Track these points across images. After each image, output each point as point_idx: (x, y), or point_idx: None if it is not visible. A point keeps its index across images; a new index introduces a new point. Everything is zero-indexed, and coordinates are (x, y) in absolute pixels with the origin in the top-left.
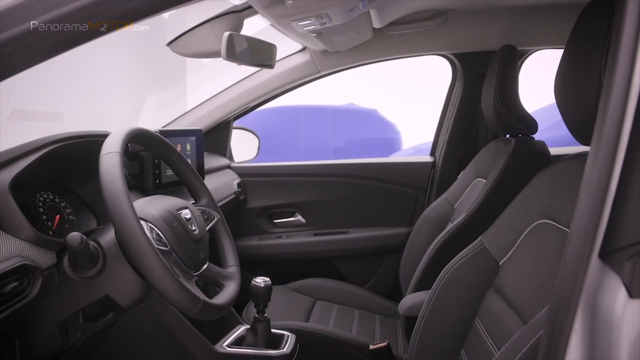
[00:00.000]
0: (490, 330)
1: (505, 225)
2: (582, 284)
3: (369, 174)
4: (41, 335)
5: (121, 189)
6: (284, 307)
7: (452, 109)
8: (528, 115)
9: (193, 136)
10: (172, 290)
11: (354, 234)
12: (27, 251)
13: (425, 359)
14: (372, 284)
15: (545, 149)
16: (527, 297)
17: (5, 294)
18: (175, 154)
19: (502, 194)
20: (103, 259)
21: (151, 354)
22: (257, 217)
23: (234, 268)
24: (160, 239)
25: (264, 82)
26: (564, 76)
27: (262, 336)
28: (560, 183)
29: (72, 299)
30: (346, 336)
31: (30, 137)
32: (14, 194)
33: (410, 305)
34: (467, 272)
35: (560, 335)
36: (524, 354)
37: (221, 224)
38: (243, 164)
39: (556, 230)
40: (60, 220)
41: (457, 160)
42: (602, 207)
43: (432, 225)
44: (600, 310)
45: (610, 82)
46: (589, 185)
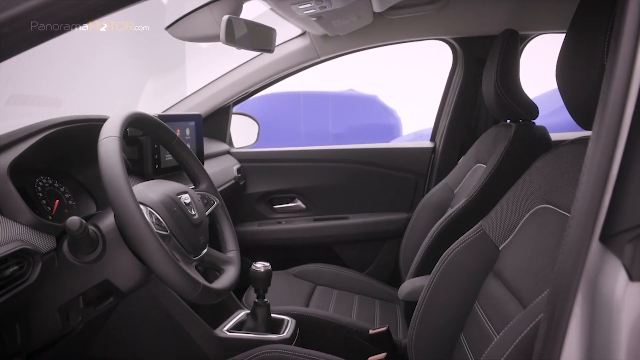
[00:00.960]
0: (489, 315)
1: (505, 210)
2: (582, 268)
3: (369, 159)
4: (42, 319)
5: (120, 173)
6: (284, 292)
7: (452, 94)
8: (529, 100)
9: (192, 121)
10: (171, 275)
11: (354, 220)
12: (27, 235)
13: (425, 344)
14: (371, 269)
15: (546, 134)
16: (527, 281)
17: (5, 278)
18: (175, 139)
19: (502, 179)
20: (103, 244)
21: (151, 338)
22: (257, 203)
23: (233, 253)
24: (160, 224)
25: (263, 67)
26: (566, 60)
27: (262, 321)
28: (561, 167)
29: (72, 284)
30: (346, 321)
31: (29, 122)
32: (12, 178)
33: (410, 290)
34: (466, 257)
35: (560, 319)
36: (523, 338)
37: (221, 209)
38: (243, 150)
39: (556, 214)
40: (60, 205)
41: (458, 146)
42: (604, 190)
43: (432, 211)
44: (600, 294)
45: (612, 65)
46: (590, 168)
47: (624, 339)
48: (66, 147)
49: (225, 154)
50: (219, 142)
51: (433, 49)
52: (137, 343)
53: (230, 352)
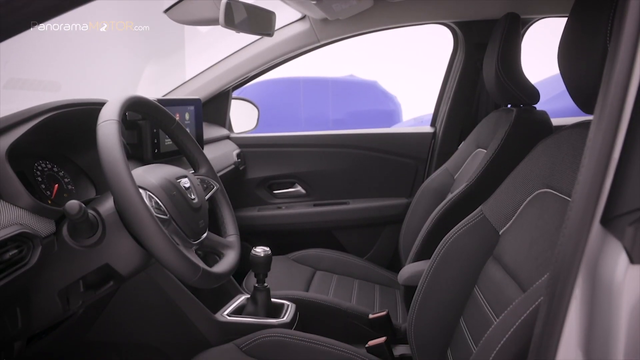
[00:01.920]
0: (489, 299)
1: (505, 195)
2: (583, 250)
3: (369, 144)
4: (42, 303)
5: (119, 157)
6: (284, 277)
7: (453, 79)
8: (530, 85)
9: (192, 106)
10: (171, 259)
11: (354, 205)
12: (26, 219)
13: (425, 328)
14: (371, 254)
15: (547, 119)
16: (527, 265)
17: (5, 262)
18: (174, 123)
19: (502, 164)
20: (102, 228)
21: (152, 322)
22: (257, 188)
23: (233, 237)
24: (160, 208)
25: (263, 51)
26: (568, 44)
27: (262, 305)
28: (562, 152)
29: (72, 268)
30: (346, 305)
31: (27, 106)
32: (11, 162)
33: (410, 274)
34: (466, 242)
35: (560, 302)
36: (523, 321)
37: (220, 194)
38: (242, 135)
39: (557, 199)
40: (59, 189)
41: (458, 131)
42: (605, 173)
43: (432, 196)
44: (600, 277)
45: (615, 47)
46: (591, 151)
47: (624, 322)
48: (65, 131)
49: (224, 139)
50: (219, 127)
51: (434, 33)
52: (138, 327)
53: (230, 336)
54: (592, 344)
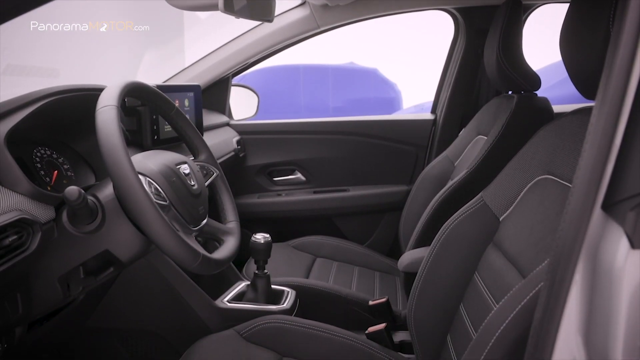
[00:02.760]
0: (489, 286)
1: (506, 181)
2: (583, 236)
3: (370, 131)
4: (42, 289)
5: (118, 143)
6: (284, 264)
7: (453, 65)
8: (531, 71)
9: (191, 92)
10: (171, 245)
11: (354, 192)
12: (25, 205)
13: (424, 314)
14: (371, 241)
15: (548, 105)
16: (527, 252)
17: (5, 247)
18: (174, 109)
19: (503, 151)
20: (102, 214)
21: (152, 309)
22: (257, 175)
23: (233, 224)
24: (159, 194)
25: (262, 37)
26: (570, 29)
27: (262, 292)
28: (563, 138)
29: (72, 254)
30: (346, 292)
31: (25, 92)
32: (10, 148)
33: (410, 261)
34: (467, 228)
35: (561, 287)
36: (523, 306)
37: (220, 180)
38: (242, 122)
39: (558, 185)
40: (59, 176)
41: (459, 118)
42: (607, 158)
43: (432, 183)
44: (601, 262)
45: (619, 32)
46: (593, 136)
47: (624, 307)
48: (64, 117)
49: (224, 125)
50: (218, 114)
51: (434, 20)
52: (138, 313)
53: (230, 322)
54: (592, 329)
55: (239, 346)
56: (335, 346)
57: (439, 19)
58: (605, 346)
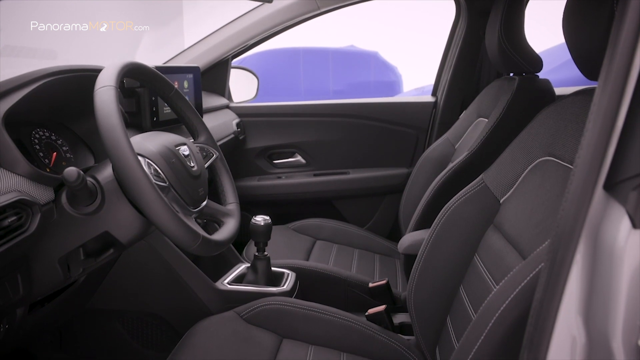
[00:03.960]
0: (489, 267)
1: (507, 163)
2: (585, 215)
3: (370, 114)
4: (43, 271)
5: (117, 123)
6: (284, 247)
7: (454, 47)
8: (533, 53)
9: (190, 74)
10: (171, 226)
11: (354, 175)
12: (24, 186)
13: (424, 296)
14: (371, 224)
15: (550, 87)
16: (527, 233)
17: (4, 228)
18: (173, 90)
19: (504, 133)
20: (101, 195)
21: (153, 290)
22: (257, 158)
23: (233, 205)
24: (159, 175)
25: (262, 18)
26: (573, 9)
27: (262, 274)
28: (565, 119)
29: (72, 235)
30: (346, 274)
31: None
32: (8, 130)
33: (410, 243)
34: (467, 210)
35: (561, 267)
36: (523, 287)
37: (220, 162)
38: (242, 104)
39: (559, 167)
40: (58, 157)
41: (459, 101)
42: (609, 137)
43: (432, 166)
44: (602, 242)
45: (623, 11)
46: (596, 115)
47: (625, 287)
48: (62, 99)
49: (224, 108)
50: (218, 96)
51: (436, 1)
52: (139, 295)
53: (230, 304)
54: (592, 309)
55: (239, 327)
56: (335, 327)
57: (441, 1)
58: (605, 326)
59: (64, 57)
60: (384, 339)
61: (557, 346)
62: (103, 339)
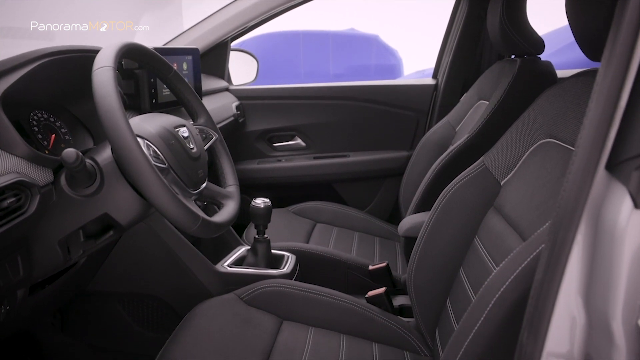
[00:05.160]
0: (489, 249)
1: (508, 145)
2: (587, 195)
3: (370, 96)
4: (43, 252)
5: (115, 104)
6: (284, 230)
7: (456, 29)
8: (535, 34)
9: (189, 55)
10: (170, 207)
11: (354, 158)
12: (23, 168)
13: (424, 278)
14: (371, 207)
15: (552, 69)
16: (528, 215)
17: (3, 209)
18: (172, 71)
19: (505, 116)
20: (100, 177)
21: (153, 273)
22: (257, 141)
23: (233, 187)
24: (158, 157)
25: (262, 0)
26: None
27: (262, 256)
28: (567, 101)
29: (72, 217)
30: (346, 257)
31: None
32: (6, 111)
33: (410, 225)
34: (468, 193)
35: (562, 247)
36: (523, 268)
37: (220, 144)
38: (242, 87)
39: (560, 149)
40: (56, 139)
41: (460, 83)
42: (612, 117)
43: (433, 149)
44: (603, 222)
45: None
46: (599, 95)
47: (625, 267)
48: (60, 80)
49: (223, 90)
50: (217, 79)
51: None
52: (139, 277)
53: (231, 286)
54: (593, 289)
55: (240, 309)
56: (335, 310)
57: None
58: (605, 306)
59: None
60: (383, 321)
61: (557, 326)
62: (104, 321)
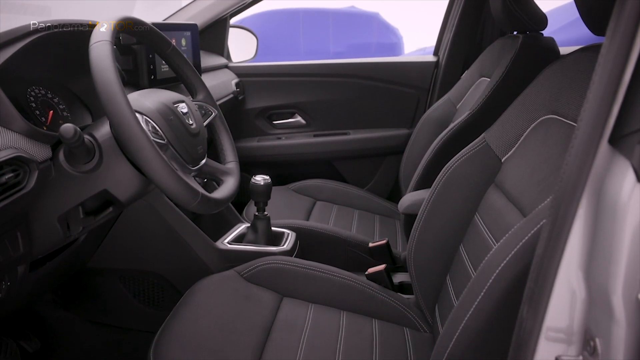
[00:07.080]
0: (490, 226)
1: (509, 122)
2: (589, 170)
3: (370, 74)
4: (42, 229)
5: (113, 78)
6: (284, 207)
7: (457, 5)
8: (538, 10)
9: (188, 31)
10: (170, 183)
11: (354, 135)
12: (21, 143)
13: (424, 255)
14: (372, 185)
15: (554, 46)
16: (529, 191)
17: (2, 185)
18: (170, 46)
19: (506, 92)
20: (99, 153)
21: (153, 250)
22: (256, 118)
23: (233, 164)
24: (157, 132)
25: None
26: None
27: (262, 233)
28: (569, 76)
29: (71, 193)
30: (346, 234)
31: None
32: (2, 87)
33: (410, 203)
34: (468, 169)
35: (564, 222)
36: (524, 244)
37: (219, 120)
38: (241, 64)
39: (562, 125)
40: (54, 116)
41: (461, 60)
42: (616, 91)
43: (433, 126)
44: (605, 196)
45: None
46: (603, 68)
47: (627, 242)
48: (57, 55)
49: (223, 67)
50: (217, 56)
51: None
52: (139, 254)
53: (231, 263)
54: (593, 265)
55: (240, 286)
56: (335, 286)
57: None
58: (605, 280)
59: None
60: (383, 298)
61: (557, 301)
62: (105, 298)
